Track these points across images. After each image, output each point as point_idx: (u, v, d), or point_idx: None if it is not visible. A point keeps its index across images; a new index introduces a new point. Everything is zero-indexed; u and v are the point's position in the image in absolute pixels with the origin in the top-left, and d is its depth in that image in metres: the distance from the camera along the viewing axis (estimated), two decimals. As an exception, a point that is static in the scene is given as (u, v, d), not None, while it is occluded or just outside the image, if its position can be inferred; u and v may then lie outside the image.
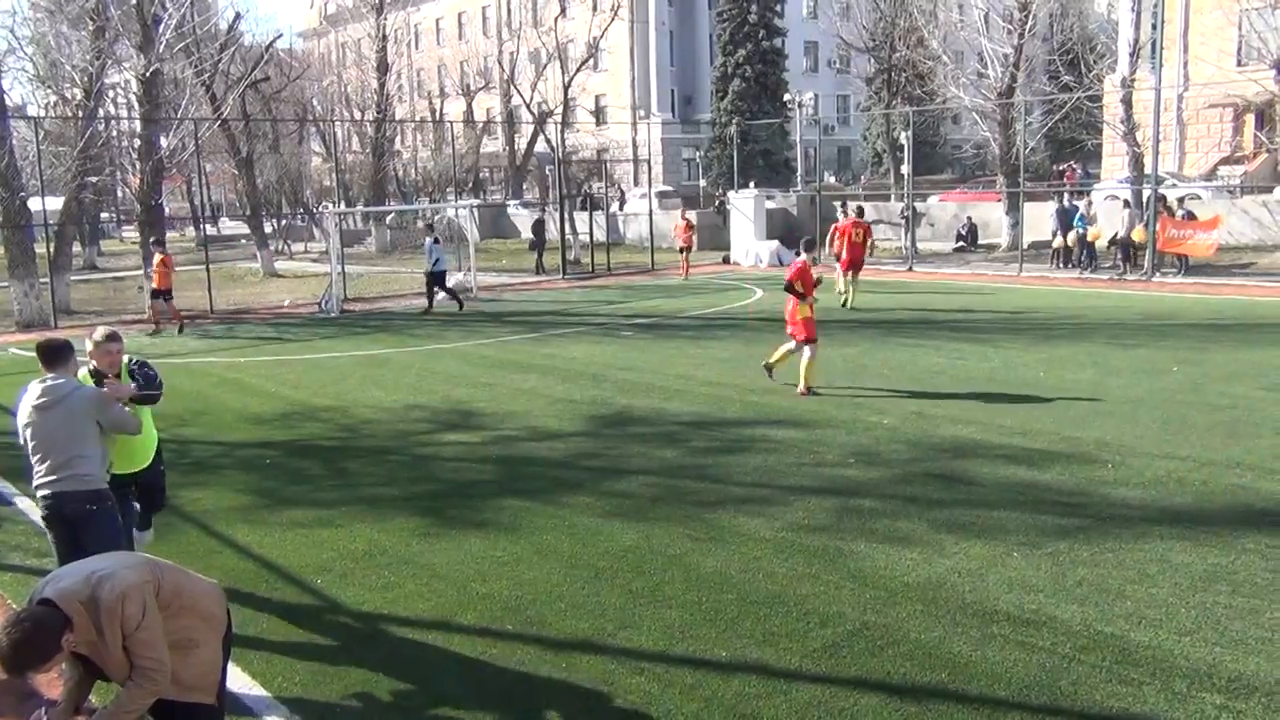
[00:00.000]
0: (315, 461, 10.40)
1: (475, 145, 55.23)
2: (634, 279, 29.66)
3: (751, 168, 50.33)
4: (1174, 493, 8.30)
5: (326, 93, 61.15)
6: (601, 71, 64.07)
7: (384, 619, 6.44)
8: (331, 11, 77.68)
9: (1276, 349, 14.70)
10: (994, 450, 9.74)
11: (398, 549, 7.64)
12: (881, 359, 14.86)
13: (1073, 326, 17.37)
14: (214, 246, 34.14)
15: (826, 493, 8.62)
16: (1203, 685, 5.25)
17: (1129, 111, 29.54)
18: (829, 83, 69.86)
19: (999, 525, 7.66)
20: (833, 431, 10.67)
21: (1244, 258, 26.83)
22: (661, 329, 19.04)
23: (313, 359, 16.84)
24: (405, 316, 22.75)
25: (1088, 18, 51.97)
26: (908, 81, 46.25)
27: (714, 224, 38.31)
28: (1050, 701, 5.16)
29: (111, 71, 27.70)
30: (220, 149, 38.40)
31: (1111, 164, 39.00)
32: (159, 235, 23.07)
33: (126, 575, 4.13)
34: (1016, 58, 30.96)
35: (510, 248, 42.09)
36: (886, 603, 6.37)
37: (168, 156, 25.10)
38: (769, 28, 56.73)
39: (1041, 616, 6.09)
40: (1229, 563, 6.79)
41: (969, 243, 33.33)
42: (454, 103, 64.39)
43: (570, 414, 12.01)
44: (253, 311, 24.45)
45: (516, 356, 16.27)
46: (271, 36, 45.65)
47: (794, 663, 5.65)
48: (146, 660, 4.08)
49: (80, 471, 5.63)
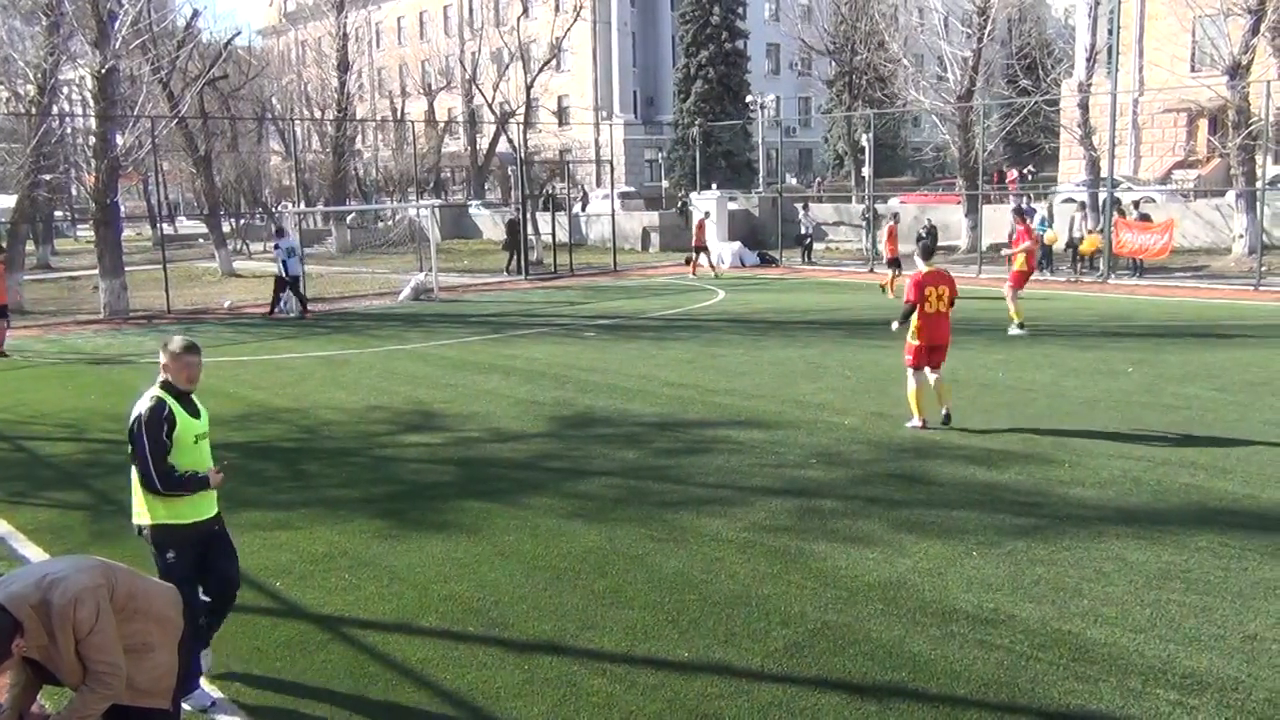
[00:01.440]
0: (274, 463, 10.30)
1: (437, 145, 55.00)
2: (596, 279, 29.64)
3: (714, 169, 50.48)
4: (1129, 492, 8.41)
5: (286, 91, 60.64)
6: (564, 72, 64.00)
7: (344, 621, 6.39)
8: (291, 9, 76.98)
9: (1230, 350, 14.95)
10: (953, 451, 9.83)
11: (358, 551, 7.58)
12: (842, 360, 14.94)
13: (1030, 328, 17.56)
14: (171, 246, 33.72)
15: (788, 493, 8.65)
16: (1157, 682, 5.32)
17: (1085, 116, 29.94)
18: (791, 85, 70.23)
19: (958, 525, 7.73)
20: (794, 432, 10.72)
21: (1197, 260, 27.29)
22: (624, 330, 19.03)
23: (272, 359, 16.67)
24: (366, 317, 22.59)
25: (1045, 23, 52.69)
26: (869, 84, 46.50)
27: (676, 225, 38.38)
28: (1009, 699, 5.21)
29: (66, 68, 27.23)
30: (178, 147, 37.89)
31: (1068, 167, 39.48)
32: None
33: (79, 579, 4.07)
34: (975, 61, 31.29)
35: (472, 248, 41.92)
36: (847, 602, 6.41)
37: (124, 154, 24.72)
38: (731, 30, 56.90)
39: (1000, 615, 6.15)
40: (1183, 561, 6.89)
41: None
42: (415, 102, 64.06)
43: (532, 415, 11.98)
44: (210, 311, 24.18)
45: (478, 357, 16.20)
46: (230, 34, 45.13)
47: (756, 663, 5.67)
48: (100, 665, 4.02)
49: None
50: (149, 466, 5.27)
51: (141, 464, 5.30)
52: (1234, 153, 26.30)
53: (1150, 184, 35.43)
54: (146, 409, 5.35)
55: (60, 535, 8.13)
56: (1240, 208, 26.91)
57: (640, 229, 39.33)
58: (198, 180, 37.80)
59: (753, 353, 15.82)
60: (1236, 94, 25.90)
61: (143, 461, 5.28)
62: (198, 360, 5.56)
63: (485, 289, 28.29)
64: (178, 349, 5.50)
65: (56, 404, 13.45)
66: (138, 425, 5.33)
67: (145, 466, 5.28)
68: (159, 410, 5.36)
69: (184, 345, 5.53)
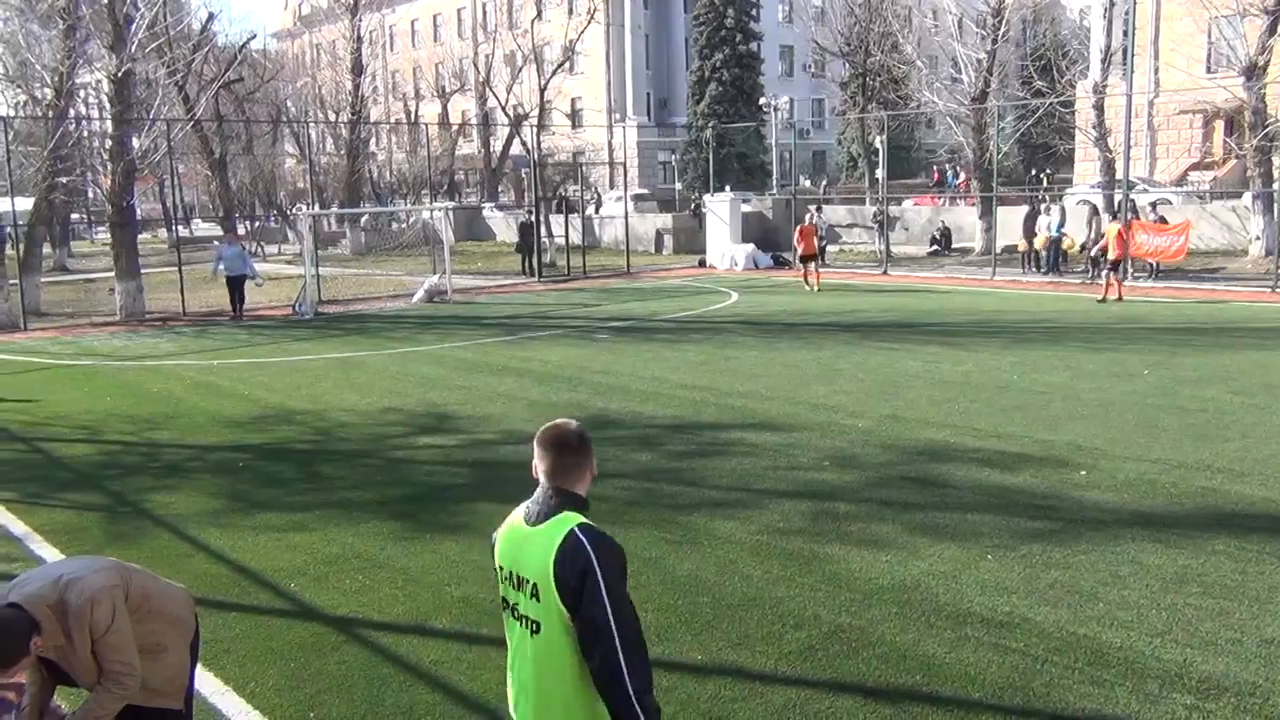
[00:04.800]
0: (289, 465, 10.33)
1: (450, 147, 55.09)
2: (610, 282, 29.65)
3: (727, 171, 50.42)
4: (1145, 495, 8.37)
5: (301, 94, 60.81)
6: (577, 74, 64.08)
7: (358, 623, 6.40)
8: (306, 12, 77.27)
9: (1246, 353, 14.86)
10: (968, 453, 9.79)
11: (372, 553, 7.60)
12: (856, 362, 14.91)
13: (1045, 330, 17.51)
14: (187, 248, 33.83)
15: (802, 496, 8.64)
16: (1174, 686, 5.29)
17: (1101, 117, 29.83)
18: (804, 87, 70.18)
19: (973, 528, 7.70)
20: (808, 435, 10.70)
21: (1214, 262, 27.14)
22: (637, 332, 19.04)
23: (287, 361, 16.73)
24: (380, 319, 22.65)
25: (1060, 24, 52.55)
26: (882, 86, 46.45)
27: (690, 227, 38.38)
28: (1024, 703, 5.18)
29: (83, 71, 27.38)
30: (193, 150, 38.13)
31: (1083, 169, 39.33)
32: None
33: (95, 579, 4.08)
34: (990, 63, 31.21)
35: (486, 250, 41.98)
36: (861, 605, 6.39)
37: (140, 157, 24.85)
38: (745, 32, 56.86)
39: (1015, 618, 6.12)
40: (1199, 564, 6.85)
41: (943, 247, 33.55)
42: (429, 105, 64.21)
43: (546, 417, 11.86)
44: (225, 313, 24.26)
45: (492, 359, 16.22)
46: (245, 37, 45.36)
47: (769, 665, 5.66)
48: (116, 664, 4.04)
49: None
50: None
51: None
52: (1250, 154, 26.17)
53: (1166, 185, 35.26)
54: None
55: (76, 536, 8.17)
56: (1257, 209, 26.75)
57: (654, 231, 39.34)
58: (213, 183, 38.05)
59: (766, 355, 15.80)
60: (1253, 95, 25.77)
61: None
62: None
63: (499, 291, 28.33)
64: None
65: (73, 405, 13.52)
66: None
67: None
68: None
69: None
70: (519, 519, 3.29)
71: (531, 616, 3.16)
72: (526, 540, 3.20)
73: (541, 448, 3.27)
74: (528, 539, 3.20)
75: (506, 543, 3.30)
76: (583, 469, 3.27)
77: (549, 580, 3.09)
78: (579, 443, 3.27)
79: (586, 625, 3.05)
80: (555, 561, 3.08)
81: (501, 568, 3.30)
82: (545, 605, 3.11)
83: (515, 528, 3.28)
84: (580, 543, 3.09)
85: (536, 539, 3.17)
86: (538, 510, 3.23)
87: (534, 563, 3.14)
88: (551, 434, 3.29)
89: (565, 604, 3.06)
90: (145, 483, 9.72)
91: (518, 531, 3.26)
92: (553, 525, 3.16)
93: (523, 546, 3.21)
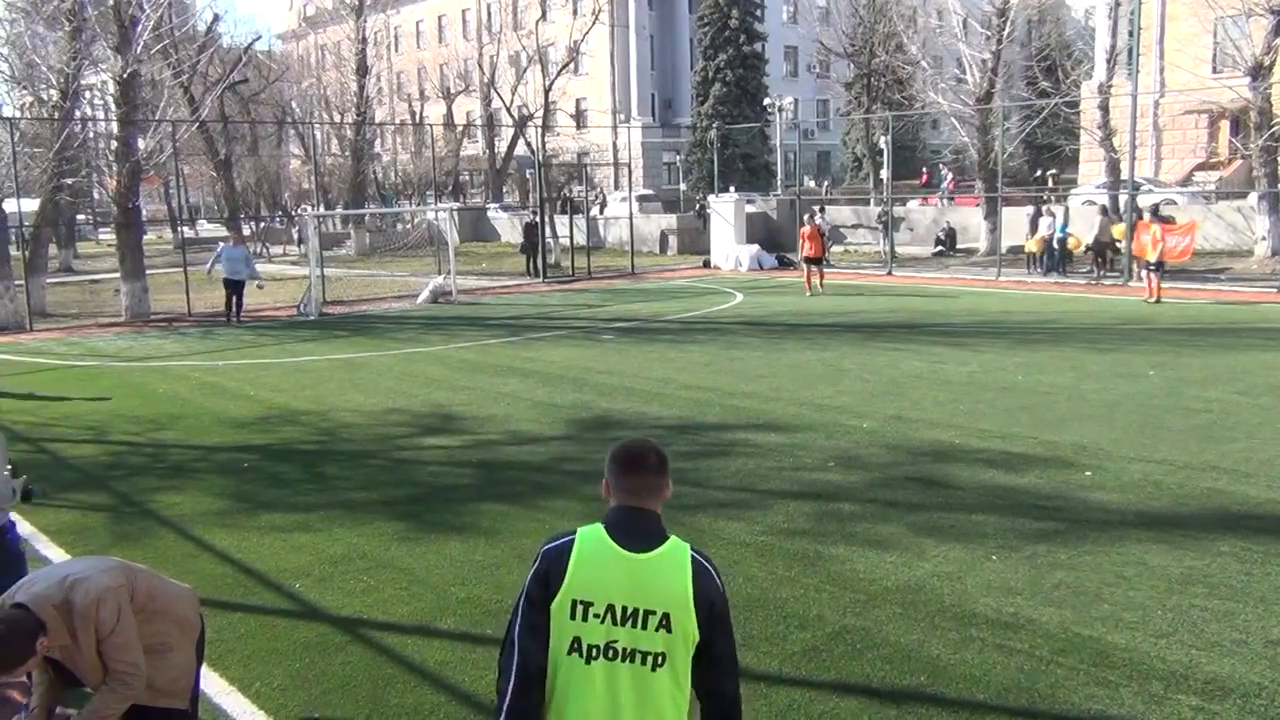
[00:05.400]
0: (294, 465, 10.34)
1: (455, 148, 55.17)
2: (614, 283, 29.65)
3: (732, 172, 50.43)
4: (1151, 496, 8.36)
5: (305, 95, 60.96)
6: (582, 75, 64.06)
7: (363, 623, 6.40)
8: (311, 13, 77.40)
9: (1251, 353, 14.83)
10: (973, 454, 9.78)
11: (377, 553, 7.61)
12: (861, 363, 14.90)
13: (1050, 330, 17.48)
14: (192, 249, 33.91)
15: (806, 496, 8.63)
16: (1179, 687, 5.28)
17: (1106, 117, 29.79)
18: (809, 88, 70.17)
19: (978, 529, 7.69)
20: (812, 435, 10.69)
21: (1219, 262, 27.09)
22: (642, 333, 19.04)
23: (291, 362, 16.75)
24: (385, 320, 22.68)
25: (1065, 24, 52.44)
26: (887, 86, 46.47)
27: (694, 228, 38.39)
28: (1028, 704, 5.18)
29: (88, 72, 27.45)
30: (198, 151, 38.22)
31: (1088, 169, 39.29)
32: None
33: (101, 579, 4.10)
34: (995, 63, 31.18)
35: (491, 251, 42.02)
36: (866, 606, 6.39)
37: (145, 158, 24.90)
38: (749, 32, 56.86)
39: (1020, 619, 6.11)
40: (1205, 565, 6.84)
41: (948, 247, 33.52)
42: (434, 105, 64.25)
43: (551, 418, 11.99)
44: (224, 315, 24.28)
45: (497, 360, 16.23)
46: (250, 38, 45.43)
47: (773, 666, 5.65)
48: (121, 664, 4.05)
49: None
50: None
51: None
52: (1256, 154, 26.09)
53: (1171, 186, 35.20)
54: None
55: (82, 536, 8.19)
56: (1263, 209, 26.69)
57: (658, 232, 39.36)
58: (218, 184, 38.12)
59: (771, 355, 15.79)
60: (1259, 95, 25.71)
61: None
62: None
63: (503, 292, 28.34)
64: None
65: (78, 406, 13.54)
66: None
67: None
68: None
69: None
70: (604, 546, 2.99)
71: (655, 650, 2.93)
72: (643, 568, 2.96)
73: (628, 468, 3.07)
74: (644, 566, 2.96)
75: (606, 574, 2.97)
76: (667, 489, 3.12)
77: (688, 606, 2.93)
78: (663, 463, 3.11)
79: (717, 656, 2.98)
80: (694, 587, 2.94)
81: (590, 604, 2.95)
82: (679, 635, 2.93)
83: (612, 556, 2.98)
84: (706, 569, 3.00)
85: (661, 565, 2.96)
86: (640, 534, 3.01)
87: (667, 590, 2.93)
88: (637, 453, 3.10)
89: (700, 631, 2.95)
90: (151, 483, 9.74)
91: (621, 560, 2.97)
92: (672, 549, 3.01)
93: (640, 574, 2.95)
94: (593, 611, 2.94)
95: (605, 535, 3.00)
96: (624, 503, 3.04)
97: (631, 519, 3.02)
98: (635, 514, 3.03)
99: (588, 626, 2.94)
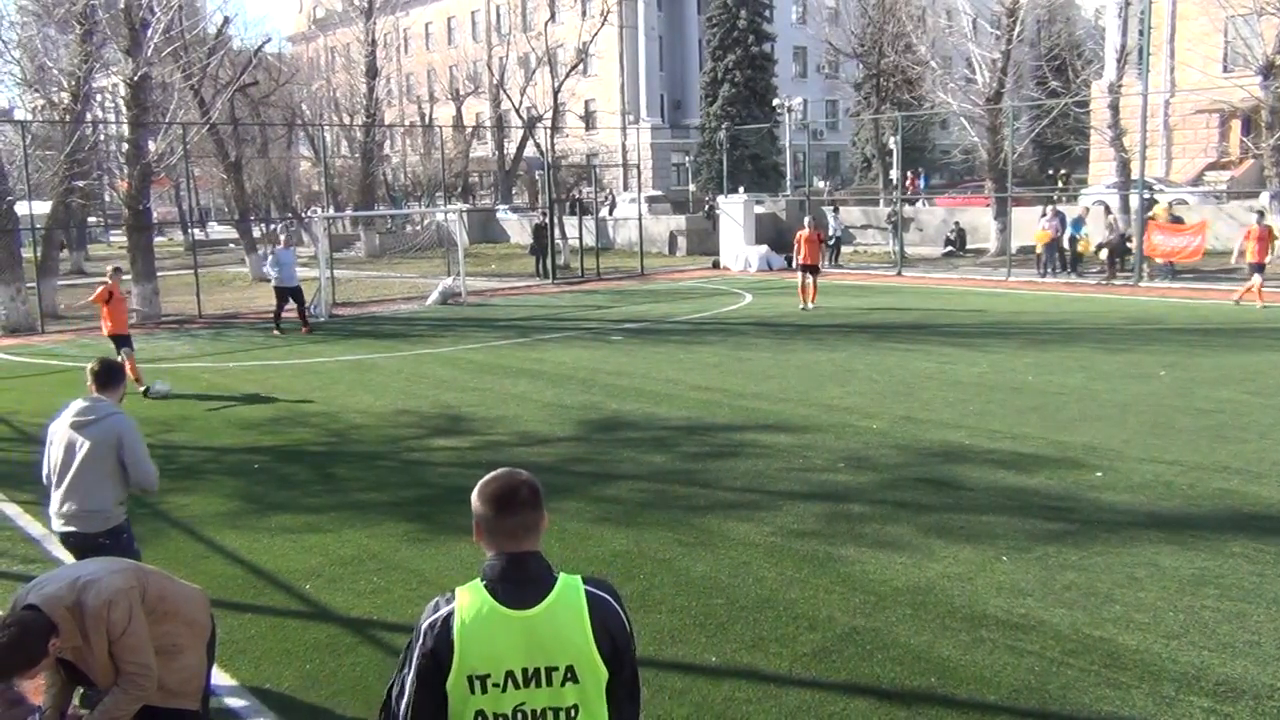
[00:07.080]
0: (304, 466, 10.37)
1: (464, 150, 55.20)
2: (623, 284, 29.65)
3: (741, 172, 50.37)
4: (1161, 497, 8.33)
5: (315, 97, 61.02)
6: (591, 76, 64.11)
7: (372, 624, 6.42)
8: (320, 16, 77.55)
9: (1263, 353, 14.77)
10: (983, 455, 9.76)
11: (387, 554, 7.62)
12: (870, 364, 14.88)
13: (1060, 331, 17.43)
14: (202, 251, 34.07)
15: (816, 497, 8.62)
16: (1191, 688, 5.26)
17: (1116, 117, 29.66)
18: (818, 88, 70.03)
19: (988, 530, 7.67)
20: (822, 436, 10.68)
21: (1230, 262, 26.93)
22: (651, 334, 19.03)
23: (301, 364, 16.79)
24: (394, 321, 22.71)
25: (1075, 24, 52.28)
26: (896, 87, 46.31)
27: (703, 229, 38.38)
28: (1039, 705, 5.16)
29: (99, 75, 27.55)
30: (208, 153, 38.25)
31: (1099, 169, 39.16)
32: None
33: (112, 580, 4.11)
34: (1004, 63, 31.08)
35: (500, 252, 42.05)
36: (876, 607, 6.38)
37: (155, 161, 25.00)
38: (758, 33, 56.77)
39: (1030, 620, 6.10)
40: (1216, 566, 6.81)
41: (957, 248, 33.45)
42: (443, 107, 64.31)
43: (560, 419, 11.99)
44: (241, 316, 24.36)
45: (506, 361, 16.25)
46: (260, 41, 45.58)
47: (783, 667, 5.65)
48: (132, 665, 4.06)
49: (94, 509, 5.48)
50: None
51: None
52: (1268, 153, 26.00)
53: (1182, 185, 35.07)
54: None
55: (93, 538, 8.21)
56: (1274, 209, 26.55)
57: (667, 233, 39.35)
58: (228, 186, 38.13)
59: (780, 356, 15.78)
60: (1270, 94, 25.62)
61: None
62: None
63: (513, 293, 28.36)
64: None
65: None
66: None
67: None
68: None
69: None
70: (489, 610, 2.70)
71: (566, 705, 2.72)
72: (536, 625, 2.70)
73: (500, 509, 2.76)
74: (537, 623, 2.71)
75: (496, 642, 2.69)
76: (544, 521, 2.82)
77: (591, 652, 2.72)
78: (536, 494, 2.81)
79: (624, 684, 2.80)
80: (593, 628, 2.73)
81: (486, 676, 2.69)
82: (587, 681, 2.73)
83: (499, 620, 2.70)
84: (603, 601, 2.79)
85: (554, 616, 2.72)
86: (527, 583, 2.75)
87: (567, 643, 2.71)
88: (508, 490, 2.79)
89: (609, 669, 2.75)
90: (161, 484, 9.69)
91: (509, 622, 2.70)
92: (563, 592, 2.77)
93: (534, 633, 2.70)
94: (492, 682, 2.69)
95: (487, 597, 2.72)
96: (502, 549, 2.77)
97: (512, 568, 2.75)
98: (516, 562, 2.76)
99: (489, 698, 2.70)
